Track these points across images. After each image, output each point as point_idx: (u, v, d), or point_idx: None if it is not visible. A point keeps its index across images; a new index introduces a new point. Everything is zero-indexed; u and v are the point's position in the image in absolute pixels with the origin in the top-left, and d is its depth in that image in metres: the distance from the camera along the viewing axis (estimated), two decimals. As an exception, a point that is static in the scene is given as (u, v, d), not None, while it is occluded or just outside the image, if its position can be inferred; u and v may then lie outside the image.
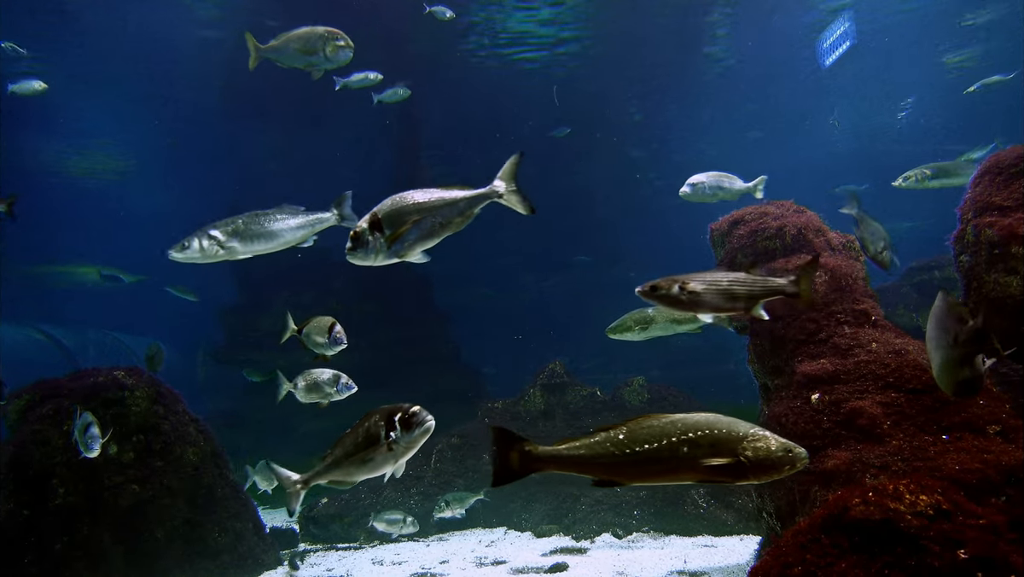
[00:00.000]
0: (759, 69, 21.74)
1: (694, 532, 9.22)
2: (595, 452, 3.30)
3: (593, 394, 12.48)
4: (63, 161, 26.41)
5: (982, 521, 2.85)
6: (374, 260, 4.21)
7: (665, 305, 4.31)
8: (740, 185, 7.63)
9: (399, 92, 12.47)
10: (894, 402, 4.63)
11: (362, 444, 3.98)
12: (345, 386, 6.68)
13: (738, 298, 4.30)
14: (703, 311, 4.37)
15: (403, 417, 3.84)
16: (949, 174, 8.03)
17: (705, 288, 4.26)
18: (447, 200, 4.26)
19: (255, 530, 8.95)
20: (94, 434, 6.44)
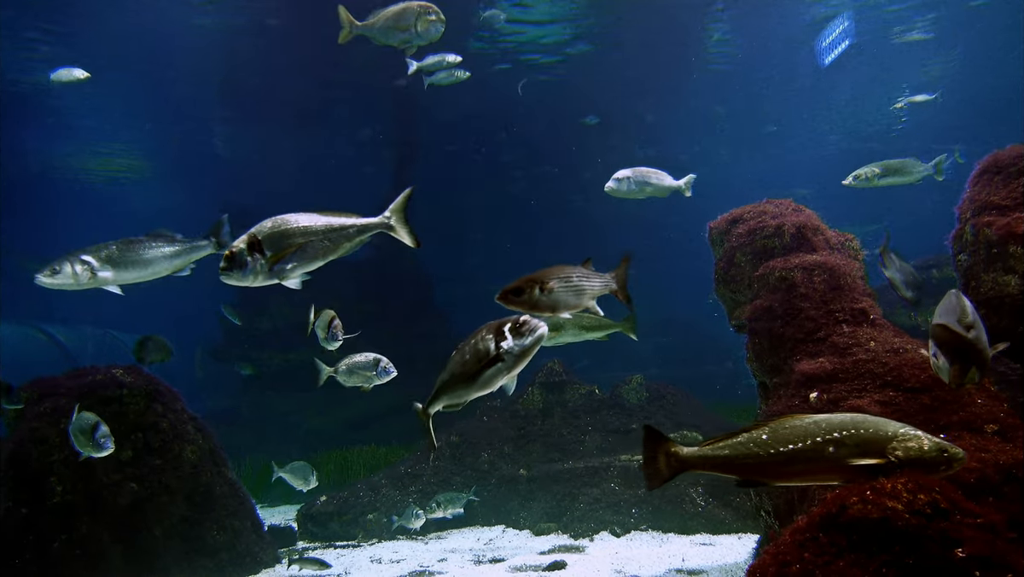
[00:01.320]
0: (758, 68, 21.76)
1: (692, 530, 9.23)
2: (739, 452, 3.29)
3: (592, 392, 12.49)
4: (62, 160, 26.39)
5: (980, 520, 2.85)
6: (252, 281, 4.12)
7: (526, 310, 3.99)
8: (669, 182, 7.59)
9: (457, 74, 11.55)
10: (892, 401, 4.64)
11: (472, 362, 3.85)
12: (384, 370, 6.64)
13: (584, 294, 4.21)
14: (560, 311, 4.17)
15: (513, 327, 3.76)
16: (898, 172, 8.05)
17: (561, 287, 4.09)
18: (335, 226, 4.29)
19: (253, 528, 8.95)
20: (105, 433, 6.39)
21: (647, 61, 20.50)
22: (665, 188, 7.61)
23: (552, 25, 18.58)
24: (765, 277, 6.03)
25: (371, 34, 7.64)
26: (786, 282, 5.83)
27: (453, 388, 4.01)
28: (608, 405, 12.28)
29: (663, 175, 7.65)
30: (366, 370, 6.68)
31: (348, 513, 10.65)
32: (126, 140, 25.33)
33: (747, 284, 6.44)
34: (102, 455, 6.47)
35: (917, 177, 8.15)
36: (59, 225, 29.87)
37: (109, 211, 30.31)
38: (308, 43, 18.37)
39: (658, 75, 21.84)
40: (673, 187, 7.67)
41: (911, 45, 21.00)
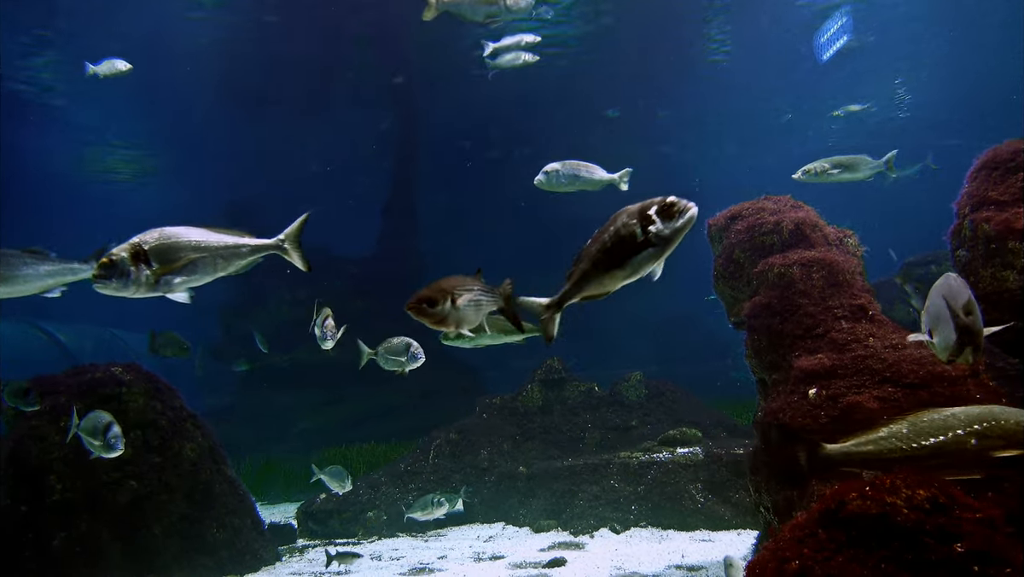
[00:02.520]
0: (757, 65, 21.74)
1: (692, 527, 9.24)
2: (882, 448, 3.26)
3: (591, 389, 12.51)
4: (62, 159, 26.36)
5: (978, 515, 2.86)
6: (132, 292, 3.96)
7: (433, 324, 3.71)
8: (601, 175, 7.51)
9: (524, 58, 11.04)
10: (891, 397, 4.64)
11: (614, 248, 3.55)
12: (413, 355, 6.62)
13: (481, 310, 3.89)
14: (463, 327, 3.84)
15: (661, 209, 3.47)
16: (848, 168, 8.06)
17: (467, 301, 3.76)
18: (228, 245, 4.20)
19: (253, 526, 8.96)
20: (117, 433, 6.35)
21: (646, 59, 20.51)
22: (597, 181, 7.53)
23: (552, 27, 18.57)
24: (764, 273, 6.03)
25: (458, 11, 7.54)
26: (785, 278, 5.83)
27: (597, 278, 3.67)
28: (607, 402, 12.29)
29: (595, 168, 7.56)
30: (398, 354, 6.67)
31: (348, 511, 10.66)
32: (126, 140, 25.33)
33: (746, 281, 6.44)
34: (112, 456, 6.42)
35: (867, 174, 8.16)
36: (59, 225, 29.86)
37: (109, 211, 30.30)
38: (307, 42, 18.36)
39: (658, 73, 21.83)
40: (607, 180, 7.59)
41: (909, 41, 21.01)
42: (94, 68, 10.71)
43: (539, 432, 11.91)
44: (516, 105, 22.68)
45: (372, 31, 18.41)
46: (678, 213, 3.44)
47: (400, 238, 22.22)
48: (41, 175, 26.68)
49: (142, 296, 4.01)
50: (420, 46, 19.47)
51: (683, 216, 3.44)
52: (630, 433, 11.64)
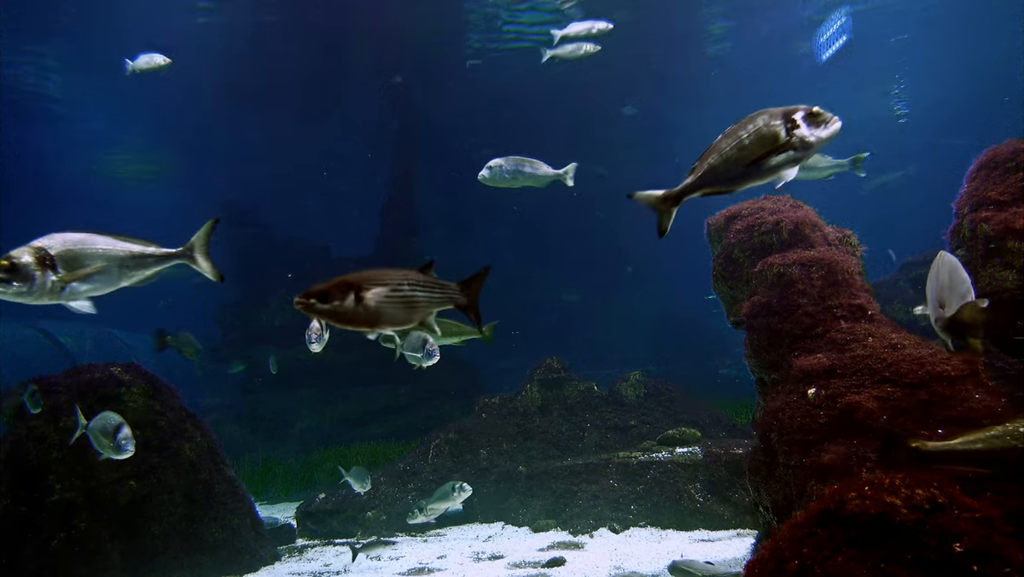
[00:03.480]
0: (756, 63, 21.76)
1: (691, 526, 9.24)
2: (994, 446, 3.16)
3: (590, 389, 12.51)
4: (62, 159, 26.36)
5: (977, 514, 2.86)
6: (34, 299, 3.79)
7: (335, 322, 3.30)
8: (545, 171, 7.51)
9: (585, 48, 10.62)
10: (890, 396, 4.64)
11: (754, 146, 3.40)
12: (428, 353, 6.63)
13: (416, 308, 3.47)
14: (382, 326, 3.43)
15: (808, 113, 3.33)
16: (806, 167, 8.06)
17: (386, 296, 3.32)
18: (134, 253, 4.08)
19: (252, 526, 8.96)
20: (127, 435, 6.33)
21: (646, 58, 20.52)
22: (541, 177, 7.52)
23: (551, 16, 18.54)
24: (763, 273, 6.03)
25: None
26: (784, 278, 5.83)
27: (724, 174, 3.50)
28: (607, 402, 12.29)
29: (539, 164, 7.55)
30: (415, 350, 6.68)
31: (347, 510, 10.66)
32: (125, 140, 25.32)
33: (745, 280, 6.44)
34: (123, 457, 6.39)
35: (827, 173, 8.13)
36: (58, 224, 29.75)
37: (109, 210, 30.27)
38: (306, 42, 18.35)
39: (657, 71, 21.83)
40: (552, 175, 7.58)
41: (910, 41, 21.02)
42: (133, 64, 10.47)
43: (538, 432, 11.91)
44: (515, 104, 22.69)
45: (371, 31, 18.41)
46: (824, 123, 3.35)
47: (399, 238, 22.22)
48: (41, 175, 26.69)
49: (44, 303, 3.86)
50: (419, 46, 19.47)
51: (829, 126, 3.35)
52: (629, 433, 11.65)
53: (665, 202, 3.70)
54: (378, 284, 3.30)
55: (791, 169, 3.46)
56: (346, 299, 3.20)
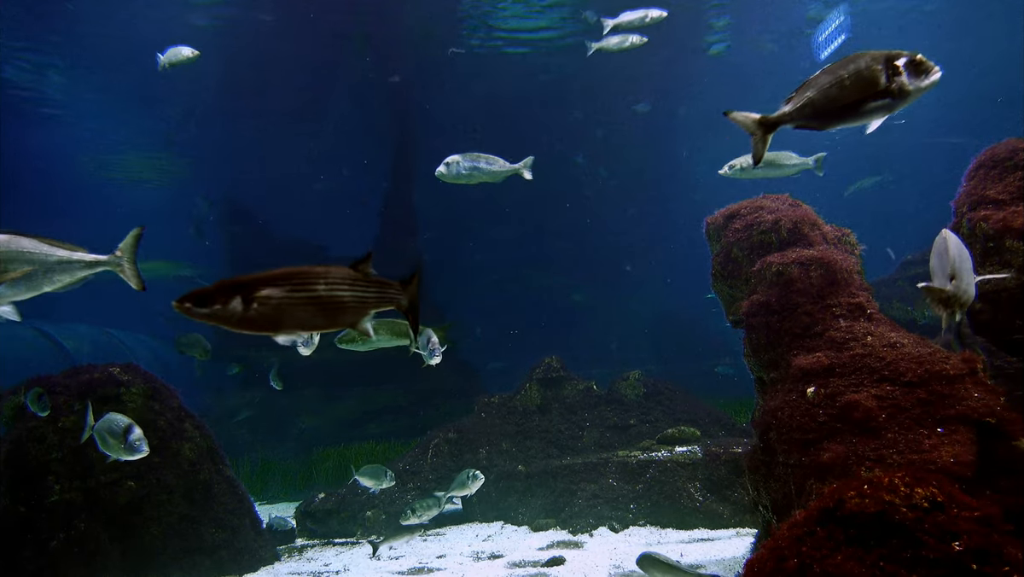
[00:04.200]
0: (755, 60, 21.76)
1: (690, 525, 9.25)
2: None
3: (589, 388, 12.51)
4: (61, 158, 26.35)
5: (976, 513, 2.86)
6: None
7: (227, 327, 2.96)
8: (500, 166, 7.52)
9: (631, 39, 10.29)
10: (889, 395, 4.64)
11: (851, 86, 3.33)
12: (431, 351, 6.64)
13: (339, 311, 3.08)
14: (285, 331, 3.08)
15: (911, 61, 3.24)
16: (771, 164, 8.07)
17: (291, 298, 2.97)
18: (61, 258, 3.95)
19: (252, 526, 8.96)
20: (140, 436, 6.31)
21: (645, 57, 20.50)
22: (498, 172, 7.54)
23: (551, 12, 18.50)
24: (762, 272, 6.03)
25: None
26: (783, 277, 5.83)
27: (820, 109, 3.43)
28: (606, 401, 12.29)
29: (496, 159, 7.56)
30: (422, 347, 6.71)
31: (347, 510, 10.65)
32: (125, 140, 25.30)
33: (744, 279, 6.44)
34: (136, 458, 6.34)
35: (792, 171, 8.14)
36: (58, 224, 29.73)
37: (109, 209, 30.26)
38: (304, 41, 18.34)
39: (656, 70, 21.82)
40: (509, 171, 7.60)
41: (907, 38, 21.02)
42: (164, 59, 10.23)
43: (538, 431, 11.92)
44: (514, 103, 22.68)
45: (369, 30, 18.41)
46: (925, 72, 3.28)
47: (398, 237, 22.22)
48: (39, 174, 26.66)
49: None
50: (417, 45, 19.46)
51: (930, 76, 3.28)
52: (628, 432, 11.66)
53: (760, 127, 3.65)
54: (275, 284, 2.96)
55: (882, 117, 3.43)
56: (230, 302, 2.88)
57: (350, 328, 3.19)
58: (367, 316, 3.19)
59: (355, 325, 3.16)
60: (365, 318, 3.18)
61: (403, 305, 3.27)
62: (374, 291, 3.16)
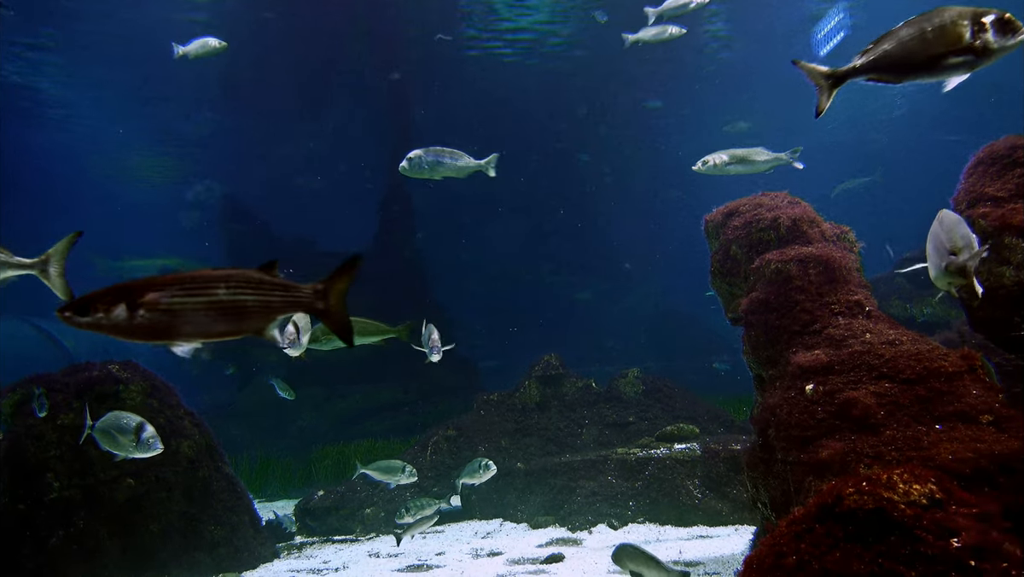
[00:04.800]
0: (754, 60, 21.73)
1: (689, 522, 9.26)
2: None
3: (588, 386, 12.52)
4: (61, 157, 26.33)
5: (975, 510, 2.87)
6: None
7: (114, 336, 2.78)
8: (465, 162, 7.52)
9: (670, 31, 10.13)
10: (888, 392, 4.65)
11: (933, 40, 3.25)
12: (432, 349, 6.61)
13: (247, 314, 2.90)
14: (180, 338, 2.88)
15: (999, 19, 3.13)
16: (743, 161, 8.07)
17: (188, 303, 2.76)
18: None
19: (251, 523, 8.96)
20: (153, 433, 6.26)
21: (644, 56, 20.48)
22: (462, 168, 7.54)
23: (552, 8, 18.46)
24: (761, 270, 6.04)
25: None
26: (782, 275, 5.84)
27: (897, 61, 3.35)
28: (605, 399, 12.30)
29: (459, 154, 7.56)
30: (424, 344, 6.72)
31: (346, 507, 10.66)
32: (121, 138, 25.26)
33: (743, 277, 6.44)
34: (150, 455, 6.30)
35: (765, 167, 8.14)
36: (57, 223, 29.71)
37: (108, 208, 30.25)
38: (304, 39, 18.31)
39: (655, 69, 21.81)
40: (473, 166, 7.60)
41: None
42: (183, 49, 9.82)
43: (537, 428, 11.92)
44: (513, 101, 22.64)
45: (368, 28, 18.38)
46: (1013, 31, 3.18)
47: (396, 234, 22.21)
48: (38, 173, 26.64)
49: None
50: (416, 42, 19.44)
51: (1017, 35, 3.18)
52: (627, 429, 11.66)
53: (828, 79, 3.58)
54: (166, 289, 2.75)
55: (962, 74, 3.35)
56: (113, 310, 2.71)
57: (256, 335, 2.99)
58: (274, 321, 3.01)
59: (261, 331, 2.98)
60: (272, 323, 3.00)
61: (318, 308, 3.04)
62: (280, 294, 2.96)
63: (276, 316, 2.97)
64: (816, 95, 3.63)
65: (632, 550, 5.07)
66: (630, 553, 5.07)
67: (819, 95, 3.63)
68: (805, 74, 3.68)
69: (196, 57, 9.87)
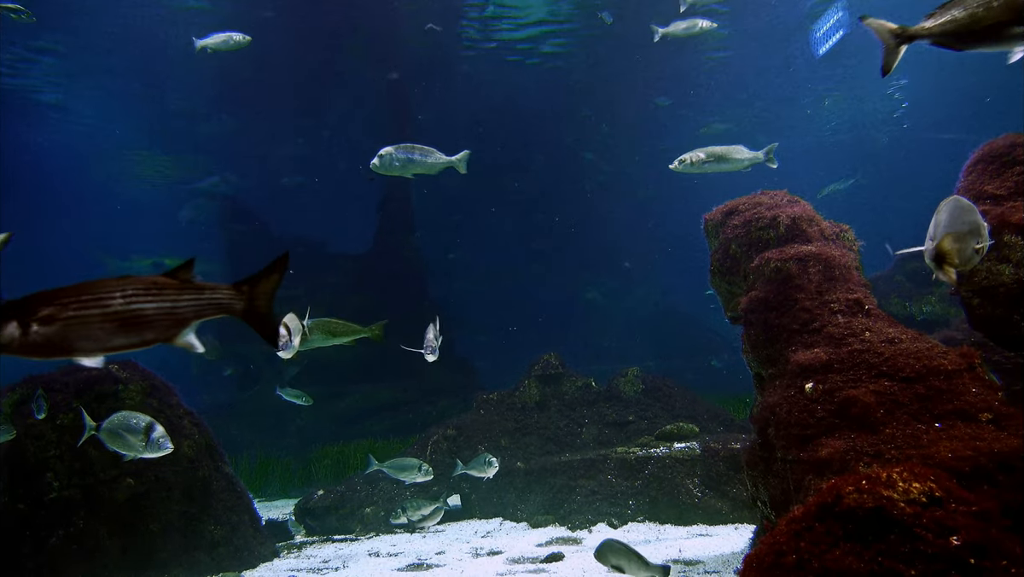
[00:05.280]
0: (752, 58, 21.73)
1: (689, 521, 9.26)
2: None
3: (588, 385, 12.52)
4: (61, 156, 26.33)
5: (974, 508, 2.87)
6: None
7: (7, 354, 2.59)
8: (435, 159, 7.53)
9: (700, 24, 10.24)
10: (887, 391, 4.65)
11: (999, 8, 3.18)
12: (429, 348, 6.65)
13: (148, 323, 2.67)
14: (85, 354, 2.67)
15: None
16: (721, 159, 8.04)
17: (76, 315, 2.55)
18: None
19: (251, 522, 8.96)
20: (163, 432, 6.24)
21: (643, 55, 20.48)
22: (432, 164, 7.55)
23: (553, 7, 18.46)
24: (760, 268, 6.04)
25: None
26: (781, 273, 5.84)
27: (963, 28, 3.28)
28: (604, 398, 12.30)
29: (431, 150, 7.57)
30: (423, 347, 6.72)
31: (345, 507, 10.66)
32: (122, 138, 25.27)
33: (742, 275, 6.45)
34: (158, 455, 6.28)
35: (742, 165, 8.11)
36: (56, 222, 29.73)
37: (107, 208, 30.23)
38: (303, 39, 18.30)
39: (654, 68, 21.81)
40: (444, 163, 7.61)
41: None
42: (203, 42, 9.72)
43: (536, 428, 11.92)
44: (512, 101, 22.64)
45: (367, 27, 18.37)
46: None
47: (396, 234, 22.21)
48: (38, 173, 26.63)
49: None
50: (414, 42, 19.43)
51: None
52: (627, 428, 11.67)
53: (896, 37, 3.56)
54: (59, 303, 2.53)
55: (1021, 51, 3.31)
56: (3, 328, 2.51)
57: (168, 343, 2.76)
58: (187, 328, 2.77)
59: (172, 340, 2.75)
60: (185, 331, 2.77)
61: (237, 309, 2.84)
62: (190, 299, 2.73)
63: (189, 323, 2.75)
64: (882, 54, 3.61)
65: (614, 545, 5.11)
66: (613, 548, 5.11)
67: (886, 54, 3.62)
68: (873, 30, 3.67)
69: (215, 51, 9.80)
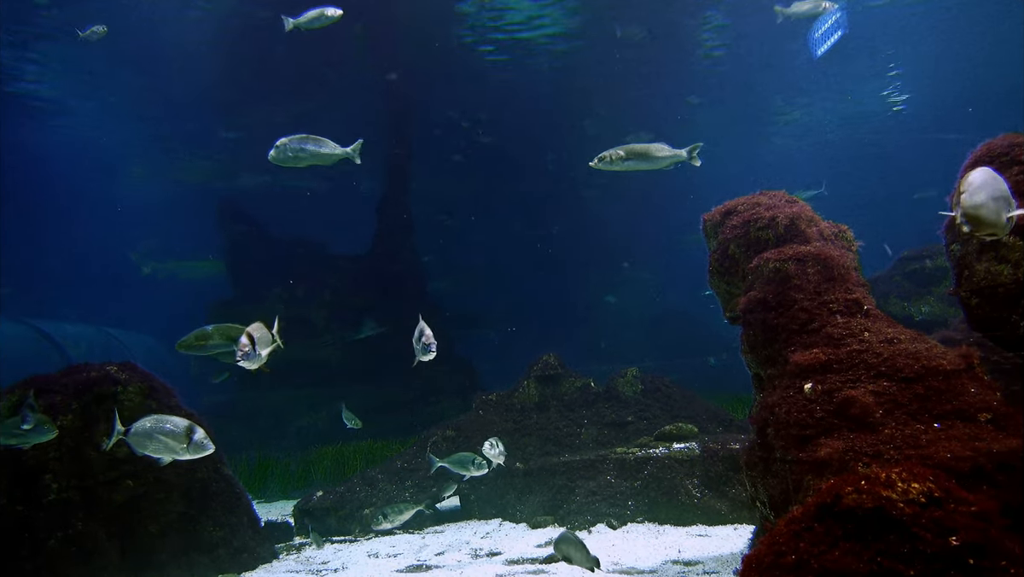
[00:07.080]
0: (751, 57, 21.75)
1: (688, 522, 9.26)
2: None
3: (587, 385, 12.51)
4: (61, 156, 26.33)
5: (973, 508, 2.87)
6: None
7: None
8: (330, 149, 7.54)
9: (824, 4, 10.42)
10: (886, 391, 4.65)
11: None
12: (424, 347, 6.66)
13: None
14: None
15: None
16: (641, 157, 7.96)
17: None
18: None
19: (250, 524, 8.95)
20: (204, 434, 6.20)
21: (642, 54, 20.50)
22: (326, 155, 7.57)
23: (552, 7, 18.46)
24: (759, 269, 6.04)
25: None
26: (780, 273, 5.84)
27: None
28: (604, 398, 12.30)
29: (325, 141, 7.59)
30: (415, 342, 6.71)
31: (345, 508, 10.65)
32: (122, 138, 25.25)
33: (741, 276, 6.44)
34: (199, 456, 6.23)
35: (664, 163, 8.01)
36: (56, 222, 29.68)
37: (107, 208, 30.22)
38: (301, 38, 18.29)
39: (653, 68, 21.82)
40: (339, 154, 7.64)
41: (905, 35, 21.01)
42: (295, 21, 9.64)
43: (536, 428, 11.92)
44: (511, 100, 22.64)
45: (366, 27, 18.37)
46: None
47: (396, 235, 22.22)
48: (39, 173, 26.64)
49: None
50: (414, 41, 19.43)
51: None
52: (626, 429, 11.66)
53: None
54: None
55: None
56: None
57: None
58: None
59: None
60: None
61: None
62: None
63: None
64: None
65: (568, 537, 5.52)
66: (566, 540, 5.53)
67: None
68: None
69: (308, 28, 9.72)
